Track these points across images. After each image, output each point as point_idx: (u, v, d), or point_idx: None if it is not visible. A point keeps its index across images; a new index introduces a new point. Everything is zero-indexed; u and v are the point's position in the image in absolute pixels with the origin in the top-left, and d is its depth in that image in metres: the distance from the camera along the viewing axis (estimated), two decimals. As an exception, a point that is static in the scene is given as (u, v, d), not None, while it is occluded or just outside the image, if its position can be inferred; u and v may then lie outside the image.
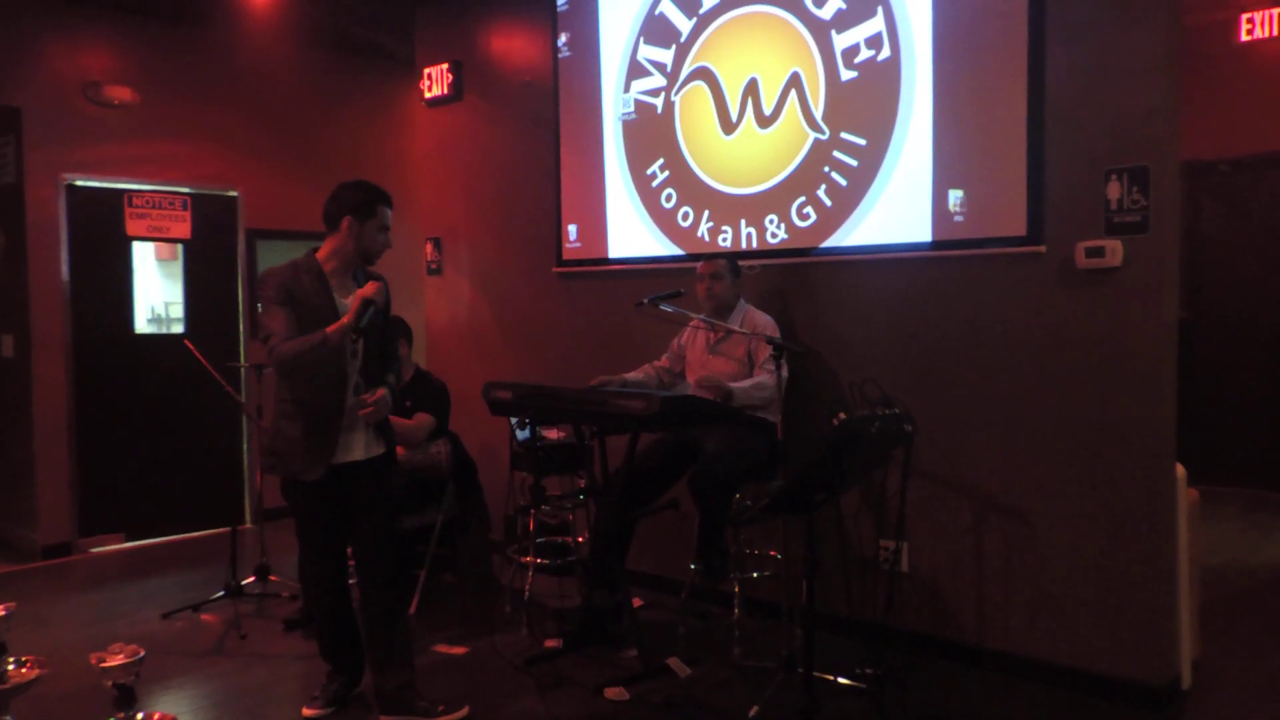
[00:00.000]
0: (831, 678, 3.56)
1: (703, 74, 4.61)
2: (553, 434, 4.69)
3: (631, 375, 4.28)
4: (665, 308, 3.98)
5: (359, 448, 3.29)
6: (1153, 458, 3.39)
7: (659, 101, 4.80)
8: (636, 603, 4.37)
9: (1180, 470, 3.44)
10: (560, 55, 5.24)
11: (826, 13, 4.16)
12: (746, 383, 3.92)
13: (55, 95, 5.83)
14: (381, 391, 3.25)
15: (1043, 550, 3.63)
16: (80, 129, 5.91)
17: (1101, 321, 3.47)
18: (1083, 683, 3.53)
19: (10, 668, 2.97)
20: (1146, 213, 3.35)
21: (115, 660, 2.36)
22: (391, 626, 3.37)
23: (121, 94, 6.01)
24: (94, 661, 2.29)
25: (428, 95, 6.01)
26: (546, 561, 4.76)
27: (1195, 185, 6.67)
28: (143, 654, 2.33)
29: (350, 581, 3.51)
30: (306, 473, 3.21)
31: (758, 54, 4.40)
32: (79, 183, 5.93)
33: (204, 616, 4.59)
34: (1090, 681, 3.51)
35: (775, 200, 4.37)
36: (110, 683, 2.33)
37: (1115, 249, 3.40)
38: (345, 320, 3.11)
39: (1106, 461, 3.47)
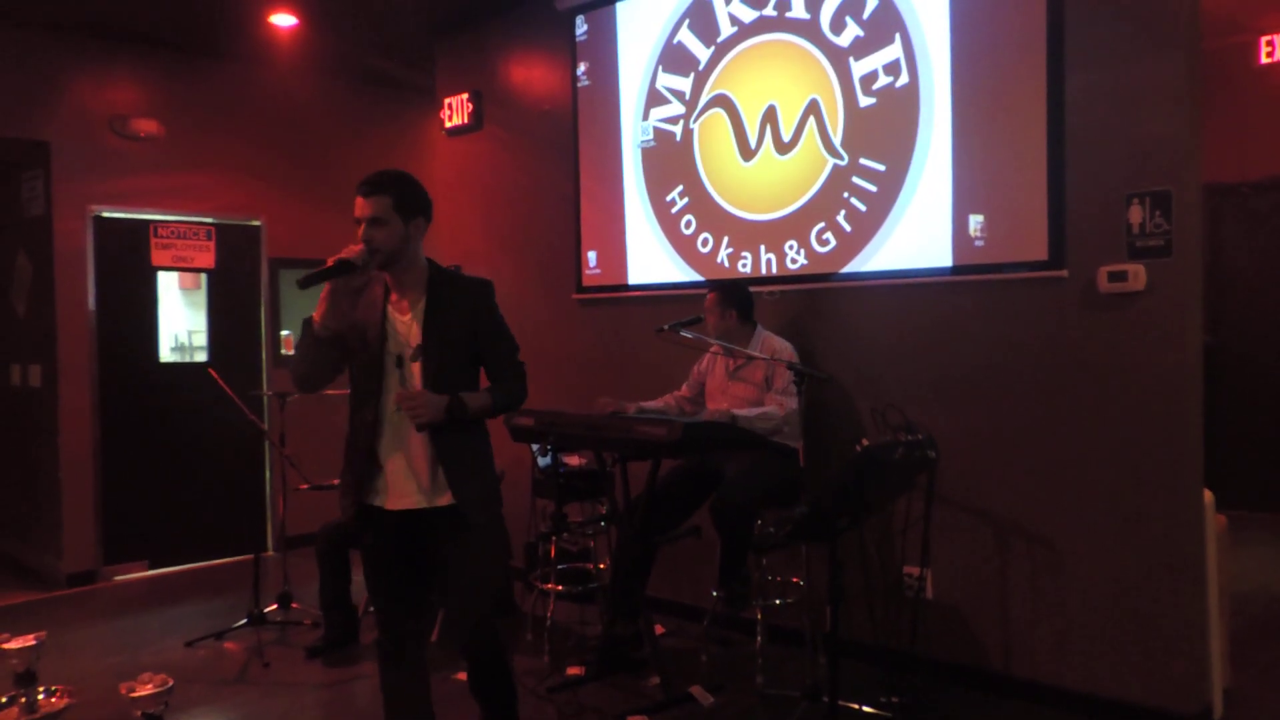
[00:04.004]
0: (856, 706, 3.53)
1: (721, 101, 4.64)
2: (574, 460, 4.69)
3: (651, 404, 4.27)
4: (685, 334, 3.99)
5: (414, 492, 2.71)
6: (1180, 483, 3.36)
7: (678, 129, 4.83)
8: (659, 630, 4.36)
9: (1208, 495, 3.41)
10: (579, 84, 5.29)
11: (844, 40, 4.19)
12: (753, 411, 3.91)
13: (83, 129, 5.93)
14: (418, 391, 2.62)
15: (1069, 577, 3.60)
16: (107, 161, 6.01)
17: (1125, 345, 3.45)
18: (1112, 712, 3.48)
19: (41, 697, 3.01)
20: (1169, 236, 3.34)
21: (145, 690, 2.38)
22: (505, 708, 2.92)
23: (147, 127, 6.11)
24: (124, 691, 2.31)
25: (448, 125, 6.07)
26: (568, 588, 4.75)
27: (1217, 208, 6.64)
28: (172, 684, 2.35)
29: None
30: (345, 511, 2.78)
31: (776, 81, 4.43)
32: (106, 214, 6.02)
33: (227, 644, 4.61)
34: (1120, 710, 3.47)
35: (795, 226, 4.38)
36: (140, 712, 2.35)
37: (1138, 273, 3.39)
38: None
39: (1133, 487, 3.44)
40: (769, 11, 4.44)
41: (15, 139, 5.78)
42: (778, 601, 4.15)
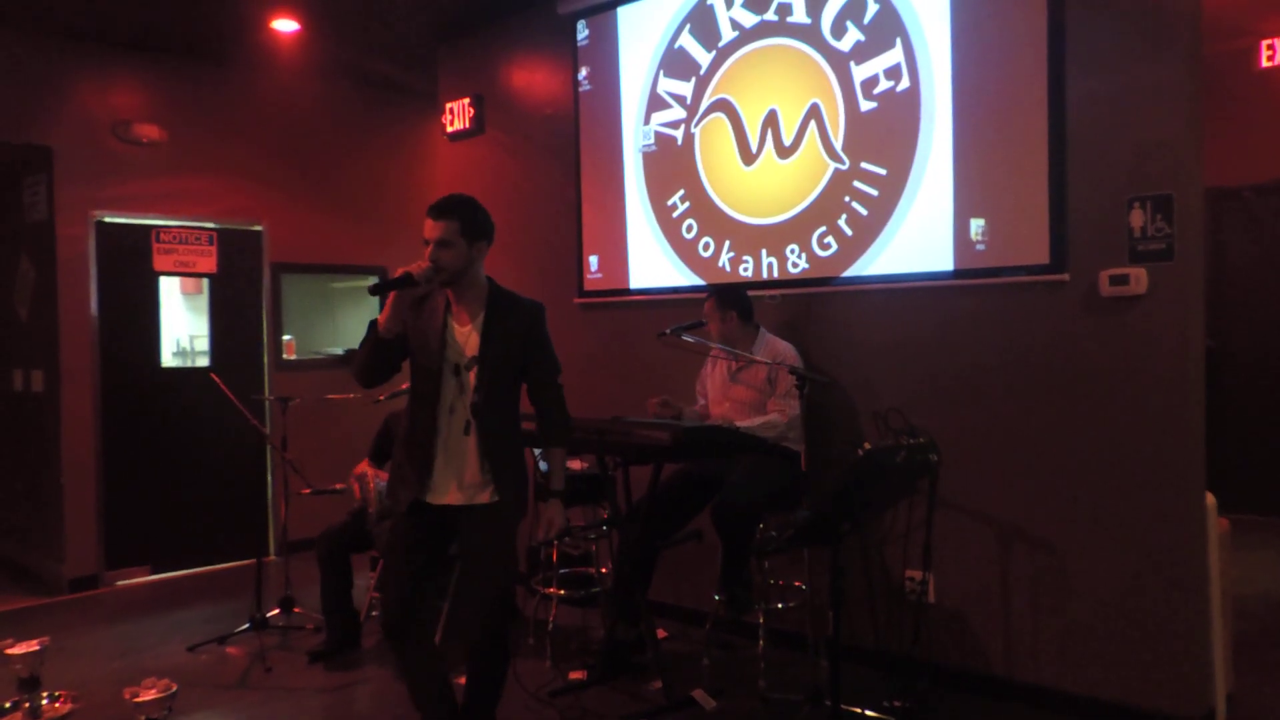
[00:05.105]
0: (859, 710, 3.52)
1: (722, 106, 4.65)
2: (576, 464, 4.69)
3: (689, 411, 4.26)
4: (687, 338, 4.00)
5: (454, 490, 2.97)
6: (1182, 487, 3.36)
7: (679, 133, 4.84)
8: (661, 634, 4.35)
9: (1210, 499, 3.41)
10: (581, 89, 5.30)
11: (845, 45, 4.20)
12: (755, 421, 3.91)
13: (85, 134, 5.94)
14: (553, 508, 3.05)
15: (1071, 581, 3.59)
16: (109, 167, 6.02)
17: (1127, 350, 3.45)
18: (1114, 716, 3.48)
19: (44, 702, 3.01)
20: (1171, 240, 3.34)
21: (148, 695, 2.38)
22: (487, 701, 3.10)
23: (150, 132, 6.12)
24: (127, 696, 2.32)
25: (449, 129, 6.08)
26: (570, 593, 4.75)
27: (1218, 212, 6.64)
28: (175, 689, 2.35)
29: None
30: (402, 501, 3.00)
31: (777, 85, 4.44)
32: (108, 219, 6.02)
33: (229, 649, 4.61)
34: (1122, 715, 3.46)
35: (796, 230, 4.38)
36: (143, 717, 2.35)
37: (1140, 277, 3.39)
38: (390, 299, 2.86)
39: (1135, 491, 3.44)
40: (770, 16, 4.45)
41: (18, 144, 5.78)
42: (780, 605, 4.15)
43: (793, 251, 4.40)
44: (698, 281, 4.75)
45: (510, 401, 3.03)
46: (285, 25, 5.74)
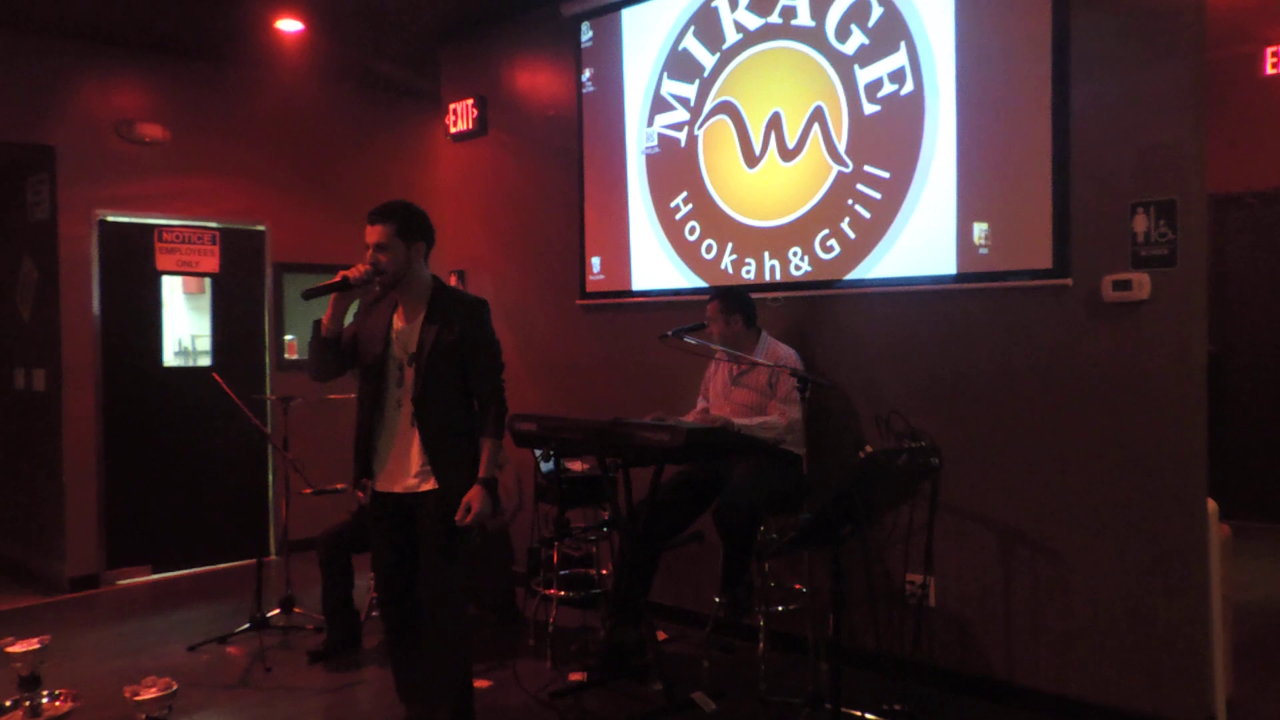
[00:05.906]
0: (859, 713, 3.52)
1: (726, 108, 4.65)
2: (577, 466, 4.70)
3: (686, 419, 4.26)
4: (689, 340, 4.00)
5: (395, 477, 3.11)
6: (1184, 492, 3.36)
7: (682, 135, 4.84)
8: (661, 636, 4.35)
9: (1212, 505, 3.40)
10: (584, 90, 5.30)
11: (849, 48, 4.20)
12: (754, 420, 3.91)
13: (88, 133, 5.95)
14: (474, 493, 3.01)
15: (1072, 585, 3.59)
16: (112, 166, 6.02)
17: (1130, 355, 3.45)
18: (1115, 720, 3.48)
19: (45, 701, 3.01)
20: (1174, 246, 3.34)
21: (148, 694, 2.39)
22: (452, 690, 3.15)
23: (153, 131, 6.13)
24: (128, 695, 2.32)
25: (452, 130, 6.08)
26: (570, 594, 4.75)
27: (1221, 217, 6.64)
28: (175, 688, 2.35)
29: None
30: (366, 492, 3.18)
31: (780, 88, 4.44)
32: (111, 218, 6.03)
33: (230, 649, 4.61)
34: (1122, 719, 3.46)
35: (799, 233, 4.39)
36: (143, 716, 2.35)
37: (1142, 282, 3.39)
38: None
39: (1137, 496, 3.44)
40: (774, 19, 4.45)
41: (21, 143, 5.79)
42: (780, 608, 4.15)
43: (795, 254, 4.40)
44: (700, 284, 4.75)
45: (452, 396, 3.11)
46: (289, 25, 5.75)
